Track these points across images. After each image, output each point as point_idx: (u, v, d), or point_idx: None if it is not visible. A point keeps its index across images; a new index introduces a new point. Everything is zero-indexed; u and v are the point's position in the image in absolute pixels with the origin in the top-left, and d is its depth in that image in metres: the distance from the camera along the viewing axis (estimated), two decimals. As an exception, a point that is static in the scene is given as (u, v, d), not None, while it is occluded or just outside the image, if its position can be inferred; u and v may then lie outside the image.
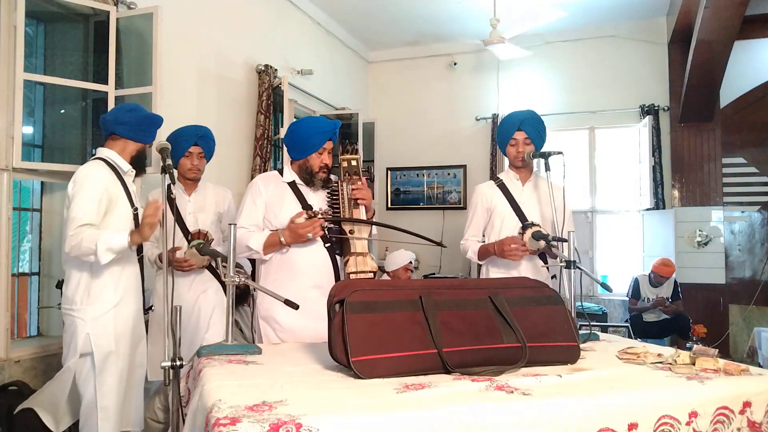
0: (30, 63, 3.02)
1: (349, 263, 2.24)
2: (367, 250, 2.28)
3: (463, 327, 1.54)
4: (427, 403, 1.24)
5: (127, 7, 3.44)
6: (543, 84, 6.55)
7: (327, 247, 2.33)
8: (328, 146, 2.38)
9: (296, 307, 1.88)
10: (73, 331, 2.30)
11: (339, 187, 2.31)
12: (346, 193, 2.29)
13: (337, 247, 2.35)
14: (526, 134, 2.65)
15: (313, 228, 2.21)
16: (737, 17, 4.49)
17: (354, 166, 2.34)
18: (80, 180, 2.28)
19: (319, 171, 2.37)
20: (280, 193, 2.39)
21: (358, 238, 2.27)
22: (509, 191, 2.72)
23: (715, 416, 1.38)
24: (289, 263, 2.31)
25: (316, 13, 5.80)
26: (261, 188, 2.40)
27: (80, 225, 2.20)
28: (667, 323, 5.40)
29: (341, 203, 2.28)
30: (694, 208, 5.94)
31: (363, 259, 2.25)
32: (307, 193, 2.40)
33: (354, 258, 2.24)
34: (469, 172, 6.69)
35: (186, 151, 2.89)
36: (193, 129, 2.95)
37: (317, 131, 2.35)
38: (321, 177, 2.38)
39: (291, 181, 2.41)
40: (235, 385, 1.35)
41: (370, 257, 2.29)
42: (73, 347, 2.29)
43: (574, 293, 2.11)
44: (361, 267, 2.24)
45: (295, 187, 2.40)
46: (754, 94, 5.88)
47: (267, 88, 4.69)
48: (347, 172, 2.33)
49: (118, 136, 2.44)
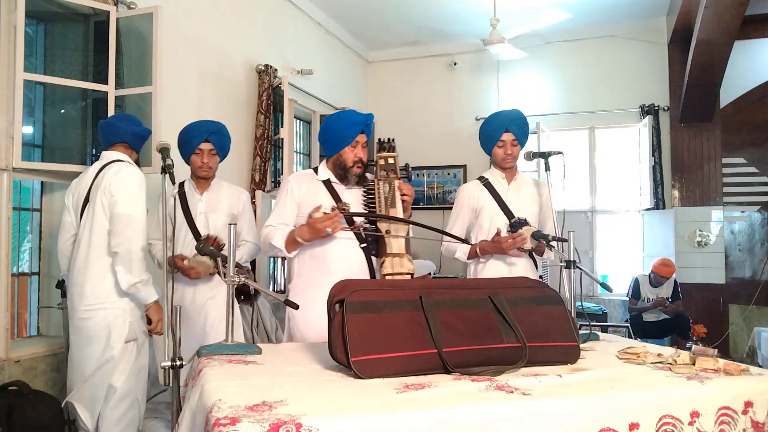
0: (30, 63, 3.02)
1: (385, 264, 2.15)
2: (403, 251, 2.17)
3: (463, 327, 1.53)
4: (427, 403, 1.24)
5: (127, 7, 3.44)
6: (543, 84, 6.55)
7: (362, 247, 2.26)
8: (361, 139, 2.30)
9: (296, 307, 1.88)
10: (108, 324, 2.37)
11: (375, 185, 2.23)
12: (383, 192, 2.20)
13: (373, 247, 2.27)
14: (514, 135, 2.64)
15: (332, 223, 2.10)
16: (737, 17, 4.49)
17: (391, 164, 2.25)
18: (140, 182, 2.44)
19: (353, 165, 2.29)
20: (313, 191, 2.31)
21: (394, 237, 2.17)
22: (496, 190, 2.71)
23: (718, 416, 1.38)
24: (323, 263, 2.25)
25: (316, 13, 5.80)
26: (293, 187, 2.33)
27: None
28: (667, 323, 5.40)
29: (377, 202, 2.20)
30: (694, 208, 5.94)
31: (399, 261, 2.14)
32: (342, 192, 2.31)
33: (390, 259, 2.15)
34: (469, 172, 6.68)
35: (196, 148, 2.78)
36: (204, 124, 2.83)
37: (349, 124, 2.29)
38: (355, 172, 2.30)
39: (326, 180, 2.34)
40: (235, 385, 1.35)
41: (408, 258, 2.17)
42: (116, 337, 2.37)
43: (574, 293, 2.11)
44: (398, 268, 2.13)
45: (329, 185, 2.32)
46: (754, 94, 5.88)
47: (267, 88, 4.69)
48: (384, 170, 2.24)
49: (128, 144, 2.58)
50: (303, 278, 2.30)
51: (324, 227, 2.10)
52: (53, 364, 3.02)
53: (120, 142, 2.55)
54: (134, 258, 2.32)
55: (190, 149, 2.80)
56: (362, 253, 2.26)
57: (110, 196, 2.36)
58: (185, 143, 2.83)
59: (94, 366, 2.37)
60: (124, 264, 2.31)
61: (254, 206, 4.52)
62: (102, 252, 2.37)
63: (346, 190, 2.34)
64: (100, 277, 2.37)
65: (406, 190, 2.22)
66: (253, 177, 4.60)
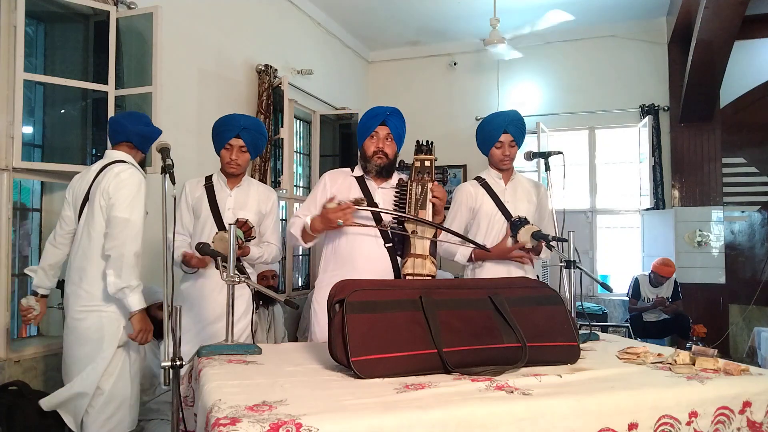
0: (30, 63, 3.02)
1: (407, 264, 2.15)
2: (427, 253, 2.17)
3: (463, 327, 1.53)
4: (427, 403, 1.24)
5: (127, 7, 3.44)
6: (543, 84, 6.55)
7: (387, 246, 2.28)
8: (381, 131, 2.35)
9: (296, 307, 1.88)
10: (101, 326, 2.35)
11: (408, 186, 2.24)
12: (414, 193, 2.21)
13: (399, 247, 2.28)
14: (512, 136, 2.65)
15: (344, 214, 2.11)
16: (737, 17, 4.49)
17: (427, 167, 2.25)
18: (139, 185, 2.42)
19: (372, 156, 2.34)
20: (346, 187, 2.37)
21: (420, 237, 2.17)
22: (493, 190, 2.71)
23: (715, 416, 1.38)
24: (347, 261, 2.29)
25: (316, 13, 5.80)
26: (327, 182, 2.41)
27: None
28: (667, 323, 5.40)
29: (408, 203, 2.20)
30: (694, 208, 5.94)
31: (422, 262, 2.15)
32: (374, 189, 2.37)
33: (412, 259, 2.15)
34: (469, 172, 6.68)
35: (227, 143, 2.65)
36: (238, 119, 2.69)
37: (370, 116, 2.37)
38: (377, 162, 2.33)
39: (359, 176, 2.40)
40: (235, 385, 1.35)
41: (431, 260, 2.16)
42: (108, 341, 2.35)
43: (574, 293, 2.11)
44: (419, 269, 2.13)
45: (362, 181, 2.38)
46: (754, 94, 5.88)
47: (267, 88, 4.68)
48: (419, 171, 2.25)
49: (132, 144, 2.54)
50: (328, 274, 2.35)
51: (335, 218, 2.12)
52: (53, 364, 3.02)
53: (124, 141, 2.53)
54: (125, 262, 2.29)
55: (220, 142, 2.68)
56: (386, 252, 2.29)
57: (108, 199, 2.35)
58: (217, 135, 2.71)
59: (83, 368, 2.35)
60: (114, 267, 2.29)
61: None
62: (99, 254, 2.37)
63: (378, 189, 2.37)
64: (97, 278, 2.36)
65: (438, 193, 2.21)
66: (253, 177, 4.60)
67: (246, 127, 2.64)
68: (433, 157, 2.28)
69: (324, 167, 5.76)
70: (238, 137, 2.63)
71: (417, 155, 2.28)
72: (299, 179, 5.96)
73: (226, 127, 2.65)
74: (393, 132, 2.38)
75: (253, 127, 2.67)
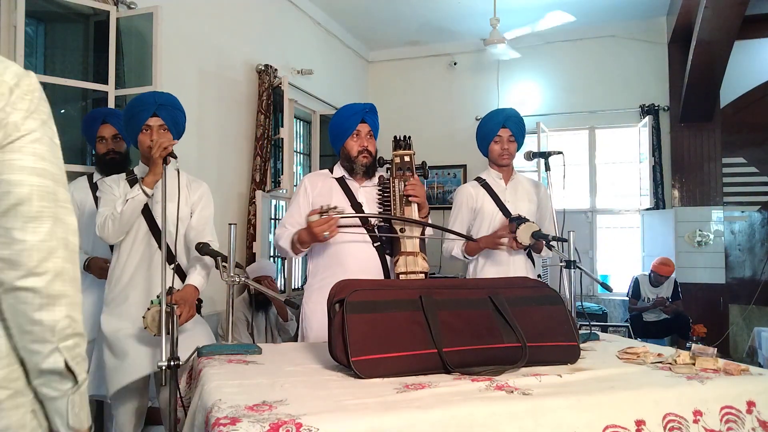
0: (30, 63, 3.01)
1: (399, 263, 2.14)
2: (417, 249, 2.17)
3: (463, 327, 1.53)
4: (427, 403, 1.24)
5: (127, 7, 3.44)
6: (543, 84, 6.55)
7: (376, 246, 2.26)
8: (362, 129, 2.31)
9: (296, 307, 1.88)
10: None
11: (390, 183, 2.23)
12: (398, 190, 2.20)
13: (388, 246, 2.26)
14: (511, 132, 2.65)
15: (329, 227, 2.06)
16: (737, 17, 4.49)
17: (407, 162, 2.24)
18: None
19: (357, 155, 2.29)
20: (327, 190, 2.33)
21: (409, 237, 2.16)
22: (493, 190, 2.71)
23: (723, 415, 1.38)
24: (337, 262, 2.25)
25: (316, 13, 5.80)
26: (308, 187, 2.36)
27: None
28: (667, 323, 5.40)
29: (392, 200, 2.20)
30: (694, 208, 5.94)
31: (413, 259, 2.14)
32: (356, 189, 2.33)
33: (404, 258, 2.14)
34: (469, 172, 6.68)
35: (144, 124, 2.29)
36: (150, 95, 2.38)
37: (348, 114, 2.32)
38: (362, 161, 2.29)
39: (340, 177, 2.36)
40: (235, 385, 1.35)
41: (422, 257, 2.16)
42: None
43: (574, 293, 2.11)
44: (411, 267, 2.13)
45: (343, 182, 2.34)
46: (754, 94, 5.88)
47: (267, 88, 4.68)
48: (400, 168, 2.23)
49: None
50: (318, 278, 2.31)
51: (321, 231, 2.07)
52: None
53: None
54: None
55: (136, 126, 2.29)
56: (376, 252, 2.26)
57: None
58: (131, 119, 2.33)
59: None
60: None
61: (254, 206, 4.52)
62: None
63: (360, 188, 2.34)
64: None
65: (412, 191, 2.19)
66: (253, 177, 4.60)
67: (162, 103, 2.33)
68: (412, 152, 2.27)
69: (324, 167, 5.74)
70: (156, 116, 2.30)
71: (395, 151, 2.27)
72: (299, 179, 5.96)
73: (140, 107, 2.31)
74: (372, 128, 2.36)
75: (168, 102, 2.38)
